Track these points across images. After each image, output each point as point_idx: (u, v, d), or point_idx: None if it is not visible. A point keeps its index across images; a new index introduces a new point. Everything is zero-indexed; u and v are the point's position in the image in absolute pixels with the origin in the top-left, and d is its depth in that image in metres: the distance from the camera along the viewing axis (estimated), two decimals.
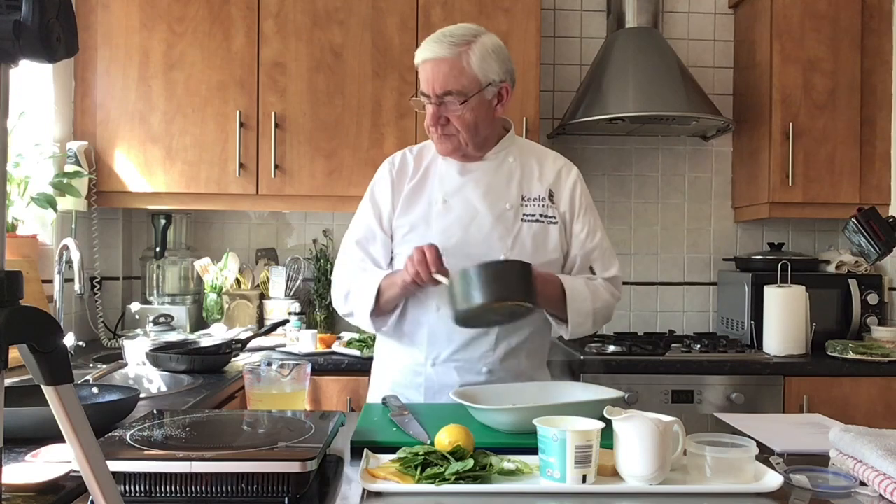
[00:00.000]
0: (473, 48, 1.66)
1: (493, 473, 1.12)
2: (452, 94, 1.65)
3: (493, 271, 1.47)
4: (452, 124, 1.68)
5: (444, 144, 1.72)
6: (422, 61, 1.68)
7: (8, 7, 0.63)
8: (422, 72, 1.68)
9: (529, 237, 1.72)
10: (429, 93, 1.67)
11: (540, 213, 1.74)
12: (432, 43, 1.67)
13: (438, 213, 1.74)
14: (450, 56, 1.65)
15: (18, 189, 2.43)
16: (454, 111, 1.67)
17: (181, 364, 2.14)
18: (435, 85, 1.65)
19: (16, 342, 0.67)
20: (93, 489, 0.73)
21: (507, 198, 1.74)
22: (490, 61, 1.67)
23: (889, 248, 1.65)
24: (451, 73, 1.64)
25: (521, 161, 1.79)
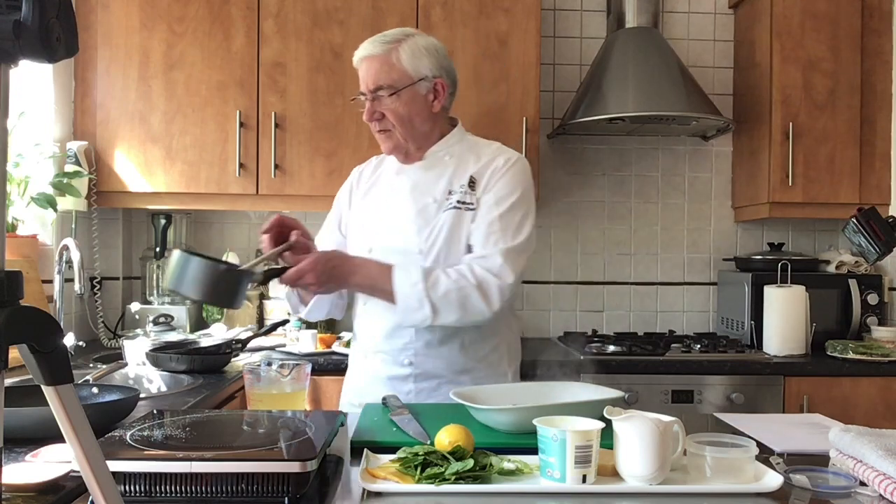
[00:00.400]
0: (403, 45, 1.76)
1: (493, 473, 1.12)
2: (383, 87, 1.75)
3: (195, 271, 1.43)
4: (388, 119, 1.77)
5: (384, 142, 1.81)
6: (357, 61, 1.79)
7: (8, 7, 0.63)
8: (358, 70, 1.79)
9: (447, 227, 1.75)
10: (364, 90, 1.77)
11: (458, 199, 1.77)
12: (366, 44, 1.78)
13: (373, 211, 1.87)
14: (381, 53, 1.75)
15: (18, 189, 2.43)
16: (386, 105, 1.76)
17: (181, 364, 2.14)
18: (368, 81, 1.76)
19: (16, 342, 0.67)
20: (93, 489, 0.73)
21: (433, 193, 1.79)
22: (421, 57, 1.77)
23: (889, 248, 1.65)
24: (382, 69, 1.75)
25: (458, 158, 1.83)
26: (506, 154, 1.83)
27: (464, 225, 1.75)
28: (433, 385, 1.78)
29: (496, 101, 2.87)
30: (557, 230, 3.30)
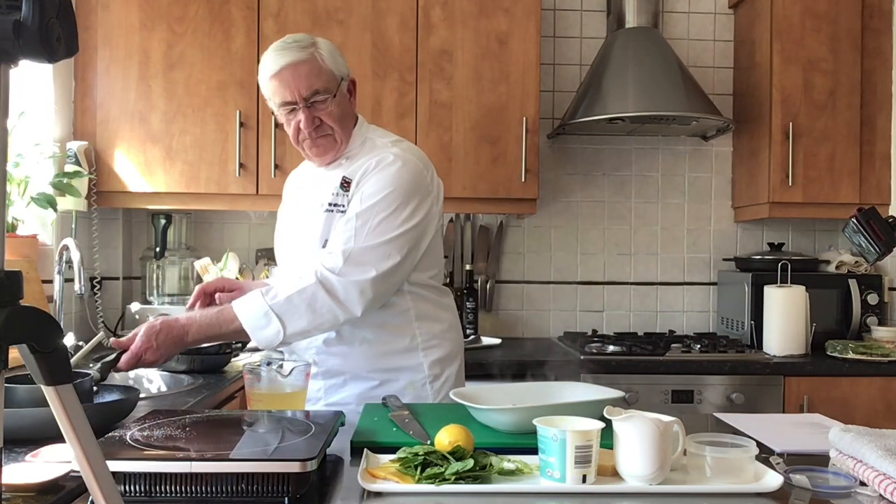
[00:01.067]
0: (320, 47, 1.72)
1: (493, 473, 1.12)
2: (320, 92, 1.69)
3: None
4: (326, 123, 1.72)
5: (321, 147, 1.75)
6: (277, 71, 1.68)
7: (8, 7, 0.63)
8: (278, 82, 1.69)
9: (321, 231, 1.73)
10: (293, 99, 1.69)
11: (331, 202, 1.73)
12: (279, 52, 1.69)
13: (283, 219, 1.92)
14: (305, 57, 1.68)
15: (18, 189, 2.43)
16: (323, 109, 1.71)
17: (181, 364, 2.14)
18: (300, 88, 1.68)
19: (16, 342, 0.67)
20: (93, 489, 0.73)
21: (322, 198, 1.76)
22: (336, 56, 1.75)
23: (889, 248, 1.65)
24: (312, 73, 1.68)
25: (354, 160, 1.77)
26: (384, 153, 1.73)
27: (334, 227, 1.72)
28: (340, 381, 1.80)
29: (496, 101, 2.87)
30: (557, 230, 3.30)
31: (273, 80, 1.70)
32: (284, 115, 1.73)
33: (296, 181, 1.97)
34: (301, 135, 1.73)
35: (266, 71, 1.70)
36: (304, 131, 1.72)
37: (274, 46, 1.72)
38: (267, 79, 1.71)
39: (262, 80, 1.74)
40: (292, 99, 1.69)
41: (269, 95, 1.74)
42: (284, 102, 1.70)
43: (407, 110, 2.85)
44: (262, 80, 1.73)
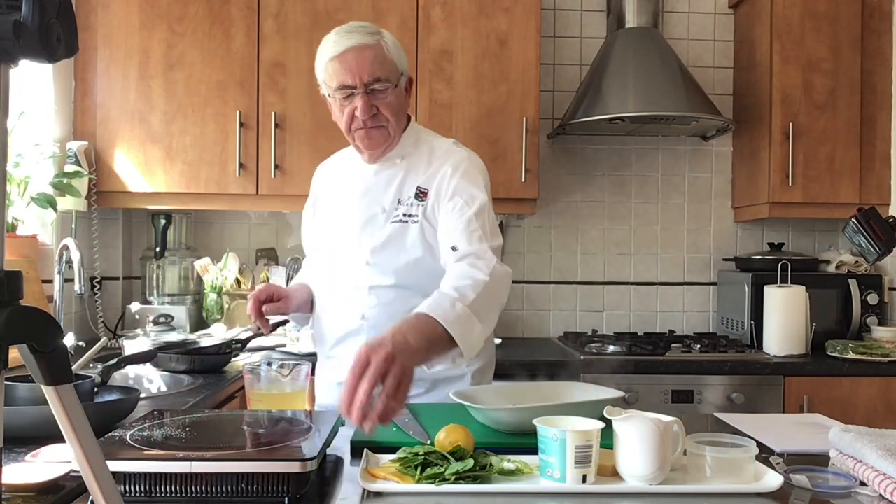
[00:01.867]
0: (385, 36, 1.67)
1: (493, 473, 1.12)
2: (381, 80, 1.63)
3: None
4: (381, 113, 1.66)
5: (373, 138, 1.68)
6: (340, 52, 1.61)
7: (8, 7, 0.63)
8: (339, 64, 1.62)
9: (393, 239, 1.69)
10: (354, 83, 1.62)
11: (405, 212, 1.70)
12: (345, 34, 1.63)
13: (329, 216, 1.83)
14: (372, 42, 1.63)
15: (18, 189, 2.43)
16: (383, 99, 1.65)
17: (181, 364, 2.14)
18: (363, 73, 1.61)
19: (16, 342, 0.67)
20: (93, 489, 0.73)
21: (382, 201, 1.72)
22: (399, 50, 1.70)
23: (889, 248, 1.65)
24: (377, 60, 1.63)
25: (409, 162, 1.74)
26: (453, 155, 1.72)
27: (407, 237, 1.68)
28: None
29: (496, 101, 2.87)
30: (557, 230, 3.30)
31: (334, 62, 1.63)
32: (339, 100, 1.66)
33: (335, 175, 1.88)
34: (355, 122, 1.66)
35: (327, 52, 1.64)
36: (358, 119, 1.64)
37: (338, 29, 1.66)
38: (326, 60, 1.64)
39: (319, 62, 1.67)
40: (352, 83, 1.62)
41: (325, 79, 1.67)
42: (343, 86, 1.63)
43: None
44: (319, 61, 1.67)
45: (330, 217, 1.83)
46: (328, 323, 1.81)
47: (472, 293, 1.39)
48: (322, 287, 1.84)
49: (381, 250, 1.70)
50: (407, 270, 1.69)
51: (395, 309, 1.66)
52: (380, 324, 1.67)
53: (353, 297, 1.73)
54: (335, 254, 1.79)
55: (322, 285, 1.84)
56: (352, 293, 1.74)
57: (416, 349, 1.21)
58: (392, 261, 1.69)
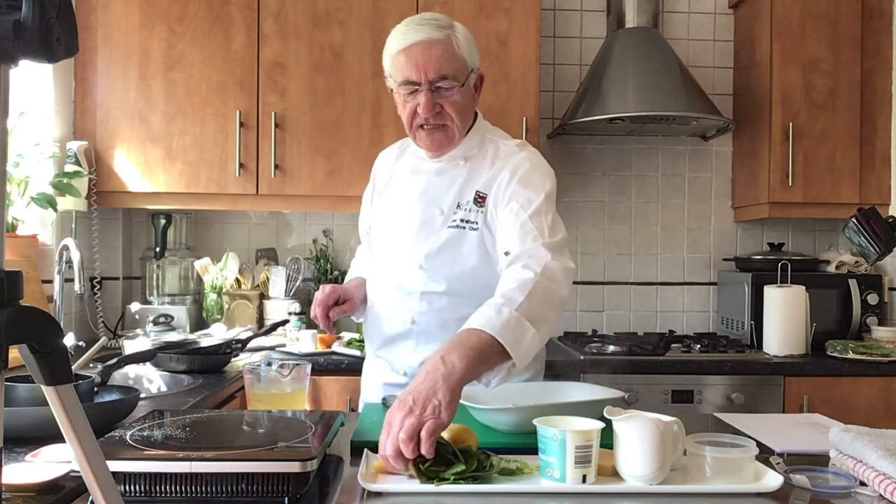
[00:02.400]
0: (457, 31, 1.59)
1: (493, 473, 1.12)
2: (448, 77, 1.55)
3: None
4: (446, 112, 1.59)
5: (434, 137, 1.62)
6: (406, 46, 1.54)
7: (8, 7, 0.63)
8: (405, 58, 1.55)
9: (451, 245, 1.62)
10: (418, 79, 1.55)
11: (462, 218, 1.63)
12: (414, 27, 1.56)
13: (383, 208, 1.76)
14: (441, 38, 1.54)
15: (18, 189, 2.43)
16: (448, 97, 1.57)
17: (181, 364, 2.14)
18: (428, 69, 1.54)
19: (16, 342, 0.67)
20: (93, 489, 0.73)
21: (440, 204, 1.65)
22: (471, 45, 1.62)
23: (889, 248, 1.65)
24: (444, 56, 1.54)
25: (473, 164, 1.67)
26: (513, 157, 1.65)
27: (464, 244, 1.62)
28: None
29: (496, 101, 2.87)
30: None
31: (400, 56, 1.56)
32: (403, 95, 1.59)
33: (396, 165, 1.79)
34: (417, 119, 1.59)
35: (394, 45, 1.57)
36: (421, 116, 1.58)
37: (407, 21, 1.59)
38: (393, 53, 1.57)
39: (386, 53, 1.60)
40: (417, 79, 1.55)
41: (391, 71, 1.60)
42: (407, 81, 1.56)
43: None
44: (386, 52, 1.60)
45: (386, 212, 1.75)
46: (377, 322, 1.74)
47: (520, 295, 1.33)
48: (373, 283, 1.77)
49: (436, 256, 1.63)
50: (461, 278, 1.62)
51: (446, 316, 1.62)
52: (429, 330, 1.64)
53: (405, 300, 1.67)
54: (388, 252, 1.72)
55: (373, 282, 1.77)
56: (403, 296, 1.67)
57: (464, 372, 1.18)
58: (447, 267, 1.62)
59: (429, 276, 1.64)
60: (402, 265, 1.67)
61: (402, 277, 1.67)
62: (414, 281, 1.65)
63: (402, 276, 1.67)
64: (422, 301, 1.65)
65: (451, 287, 1.63)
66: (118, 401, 1.46)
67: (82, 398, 0.99)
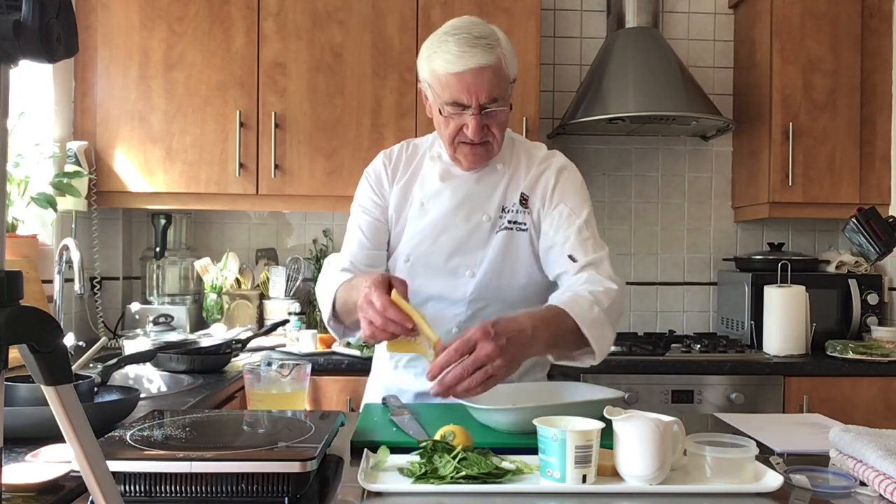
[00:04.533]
0: (503, 47, 1.55)
1: (492, 470, 1.11)
2: (497, 100, 1.53)
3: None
4: (491, 131, 1.56)
5: (477, 155, 1.59)
6: (461, 71, 1.49)
7: (8, 7, 0.63)
8: (458, 82, 1.50)
9: (500, 250, 1.61)
10: (469, 103, 1.51)
11: (510, 219, 1.62)
12: (468, 49, 1.50)
13: (414, 215, 1.66)
14: (493, 62, 1.51)
15: (18, 189, 2.43)
16: (494, 117, 1.55)
17: (181, 364, 2.14)
18: (480, 94, 1.50)
19: (16, 342, 0.67)
20: (93, 489, 0.73)
21: (486, 209, 1.63)
22: (513, 58, 1.59)
23: (889, 248, 1.65)
24: (495, 79, 1.51)
25: (510, 168, 1.66)
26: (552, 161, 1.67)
27: (518, 246, 1.62)
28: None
29: None
30: None
31: (450, 77, 1.51)
32: (448, 114, 1.55)
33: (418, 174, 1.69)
34: (460, 137, 1.56)
35: (443, 64, 1.51)
36: (468, 136, 1.55)
37: (458, 37, 1.51)
38: (441, 73, 1.52)
39: (431, 68, 1.54)
40: (468, 103, 1.51)
41: (436, 88, 1.55)
42: (456, 103, 1.52)
43: (407, 110, 2.85)
44: (432, 68, 1.54)
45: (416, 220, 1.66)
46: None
47: (607, 300, 1.44)
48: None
49: (489, 262, 1.61)
50: (511, 283, 1.62)
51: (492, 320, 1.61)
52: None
53: (447, 309, 1.62)
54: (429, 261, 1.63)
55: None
56: (446, 306, 1.63)
57: (542, 344, 1.31)
58: (499, 273, 1.61)
59: (480, 283, 1.61)
60: (447, 274, 1.63)
61: (449, 286, 1.62)
62: (462, 288, 1.62)
63: (448, 285, 1.62)
64: (469, 308, 1.62)
65: (501, 292, 1.62)
66: (118, 401, 1.46)
67: (82, 398, 0.99)
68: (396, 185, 1.69)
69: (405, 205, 1.68)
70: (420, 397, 1.67)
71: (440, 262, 1.62)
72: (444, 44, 1.52)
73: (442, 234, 1.63)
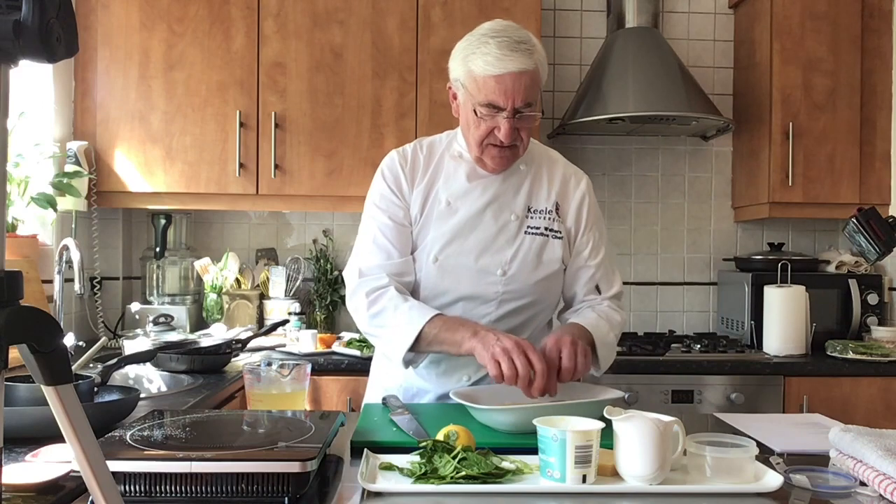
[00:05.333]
0: (539, 53, 1.56)
1: (492, 469, 1.12)
2: (531, 104, 1.55)
3: None
4: (520, 135, 1.59)
5: (505, 155, 1.61)
6: (500, 74, 1.51)
7: (8, 7, 0.63)
8: (497, 84, 1.52)
9: (532, 250, 1.65)
10: (505, 105, 1.53)
11: (545, 226, 1.67)
12: (508, 52, 1.51)
13: (440, 214, 1.65)
14: (532, 67, 1.53)
15: (18, 189, 2.43)
16: (527, 122, 1.57)
17: (181, 364, 2.14)
18: (517, 98, 1.52)
19: (16, 342, 0.67)
20: (93, 489, 0.73)
21: (513, 208, 1.66)
22: (545, 63, 1.60)
23: (889, 248, 1.65)
24: (532, 85, 1.54)
25: (532, 169, 1.71)
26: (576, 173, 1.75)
27: (552, 251, 1.67)
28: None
29: None
30: None
31: (490, 80, 1.52)
32: (482, 115, 1.56)
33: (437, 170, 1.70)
34: (491, 139, 1.58)
35: (484, 66, 1.52)
36: (499, 139, 1.56)
37: (499, 40, 1.52)
38: (481, 74, 1.53)
39: (469, 69, 1.55)
40: (504, 106, 1.53)
41: (471, 88, 1.56)
42: (492, 105, 1.54)
43: (407, 110, 2.85)
44: (470, 68, 1.55)
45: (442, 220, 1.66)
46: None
47: (619, 329, 1.71)
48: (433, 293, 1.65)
49: (519, 261, 1.64)
50: (540, 283, 1.66)
51: (520, 319, 1.67)
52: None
53: (478, 308, 1.64)
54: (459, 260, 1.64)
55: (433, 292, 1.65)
56: (476, 305, 1.64)
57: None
58: (529, 272, 1.64)
59: (509, 282, 1.64)
60: (477, 273, 1.63)
61: (479, 285, 1.64)
62: (493, 287, 1.64)
63: (479, 283, 1.64)
64: (499, 308, 1.65)
65: (531, 291, 1.66)
66: (118, 401, 1.46)
67: (82, 398, 0.99)
68: (417, 185, 1.68)
69: (428, 204, 1.67)
70: (442, 398, 1.66)
71: (470, 262, 1.63)
72: (484, 45, 1.53)
73: (471, 233, 1.64)
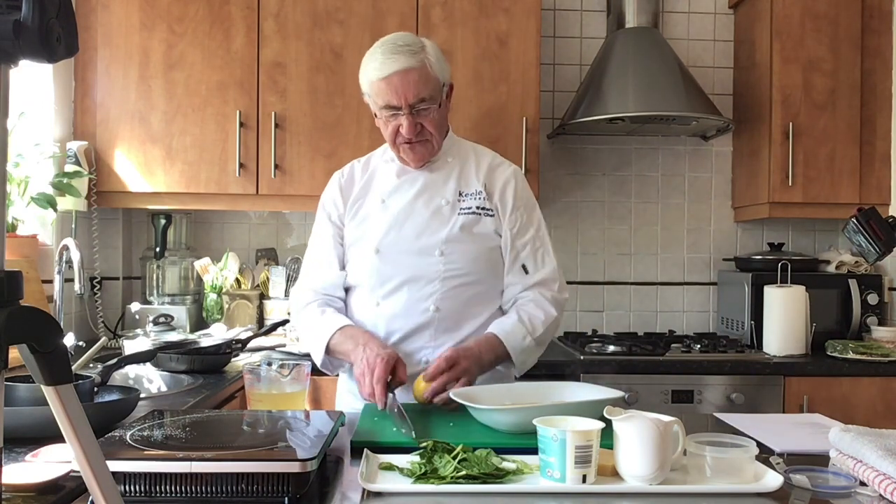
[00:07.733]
0: (429, 52, 1.72)
1: (493, 470, 1.12)
2: (426, 100, 1.70)
3: None
4: (426, 129, 1.74)
5: (417, 152, 1.77)
6: (386, 75, 1.68)
7: (8, 7, 0.63)
8: (386, 86, 1.69)
9: (465, 228, 1.77)
10: (399, 104, 1.69)
11: (477, 205, 1.79)
12: (390, 55, 1.68)
13: (377, 212, 1.81)
14: (416, 65, 1.68)
15: (18, 189, 2.43)
16: (426, 116, 1.72)
17: (181, 364, 2.14)
18: (408, 95, 1.68)
19: (16, 342, 0.67)
20: (93, 489, 0.73)
21: (444, 194, 1.80)
22: (442, 62, 1.76)
23: (889, 248, 1.65)
24: (421, 81, 1.69)
25: (460, 160, 1.85)
26: (503, 162, 1.89)
27: (482, 226, 1.78)
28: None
29: (496, 102, 2.87)
30: (557, 230, 3.30)
31: (380, 83, 1.70)
32: (385, 117, 1.74)
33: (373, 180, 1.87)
34: (400, 138, 1.74)
35: (373, 72, 1.70)
36: (403, 135, 1.73)
37: (384, 47, 1.71)
38: (373, 80, 1.71)
39: (366, 79, 1.74)
40: (398, 104, 1.70)
41: (373, 96, 1.75)
42: (389, 106, 1.71)
43: None
44: (366, 78, 1.73)
45: (378, 216, 1.81)
46: (391, 321, 1.75)
47: (542, 327, 1.74)
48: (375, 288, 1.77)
49: (455, 240, 1.76)
50: (478, 260, 1.77)
51: (466, 296, 1.76)
52: (451, 314, 1.75)
53: (423, 290, 1.75)
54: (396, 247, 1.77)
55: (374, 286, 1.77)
56: (421, 286, 1.75)
57: (486, 365, 1.67)
58: (465, 251, 1.76)
59: (448, 261, 1.75)
60: (417, 256, 1.76)
61: (419, 268, 1.75)
62: (433, 267, 1.75)
63: (418, 267, 1.75)
64: (443, 285, 1.75)
65: (470, 268, 1.76)
66: (118, 401, 1.46)
67: (82, 398, 0.99)
68: (353, 195, 1.87)
69: (364, 207, 1.84)
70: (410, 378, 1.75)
71: (408, 247, 1.77)
72: (372, 55, 1.73)
73: (406, 221, 1.79)
